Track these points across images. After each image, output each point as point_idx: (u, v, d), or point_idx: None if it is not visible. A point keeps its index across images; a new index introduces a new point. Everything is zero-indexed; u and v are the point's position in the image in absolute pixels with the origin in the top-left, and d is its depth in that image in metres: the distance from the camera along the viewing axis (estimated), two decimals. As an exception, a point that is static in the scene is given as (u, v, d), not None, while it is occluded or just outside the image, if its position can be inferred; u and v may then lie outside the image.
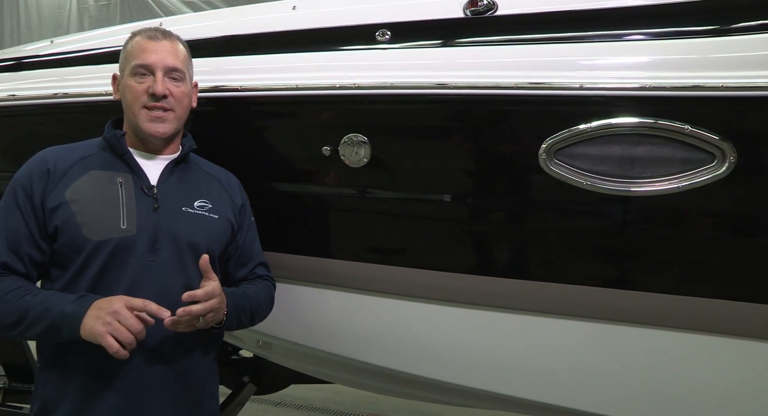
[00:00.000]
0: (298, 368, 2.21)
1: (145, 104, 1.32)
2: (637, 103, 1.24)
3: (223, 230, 1.39)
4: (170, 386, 1.30)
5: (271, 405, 3.59)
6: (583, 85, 1.27)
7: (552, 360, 1.44)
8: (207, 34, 1.63)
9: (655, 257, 1.32)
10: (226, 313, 1.32)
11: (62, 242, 1.26)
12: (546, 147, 1.31)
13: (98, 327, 1.16)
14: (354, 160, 1.44)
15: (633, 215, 1.31)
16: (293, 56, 1.50)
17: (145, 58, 1.33)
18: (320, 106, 1.46)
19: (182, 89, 1.36)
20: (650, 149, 1.25)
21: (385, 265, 1.56)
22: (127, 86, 1.34)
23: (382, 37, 1.45)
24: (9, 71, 2.05)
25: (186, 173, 1.40)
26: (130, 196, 1.30)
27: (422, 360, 1.59)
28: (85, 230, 1.25)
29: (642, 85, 1.23)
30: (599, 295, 1.35)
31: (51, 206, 1.26)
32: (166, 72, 1.34)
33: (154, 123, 1.32)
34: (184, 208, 1.34)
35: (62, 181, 1.28)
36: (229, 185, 1.46)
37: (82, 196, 1.27)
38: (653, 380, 1.37)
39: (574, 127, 1.29)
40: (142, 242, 1.27)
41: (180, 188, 1.36)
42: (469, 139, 1.41)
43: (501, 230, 1.45)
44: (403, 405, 3.48)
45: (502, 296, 1.43)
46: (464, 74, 1.34)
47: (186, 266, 1.31)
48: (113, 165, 1.33)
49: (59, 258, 1.28)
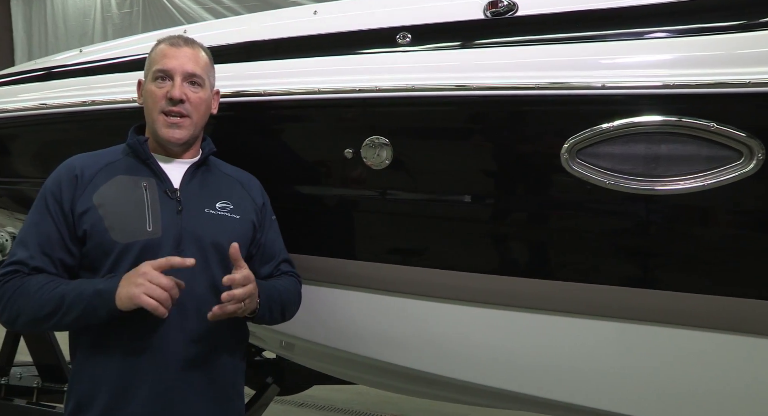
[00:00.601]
0: (321, 369, 2.22)
1: (163, 108, 1.35)
2: (661, 101, 1.23)
3: (245, 229, 1.42)
4: (200, 383, 1.33)
5: (293, 406, 3.61)
6: (605, 85, 1.26)
7: (577, 361, 1.43)
8: (230, 40, 1.65)
9: (681, 256, 1.31)
10: (259, 302, 1.35)
11: (91, 246, 1.30)
12: (568, 147, 1.31)
13: (132, 289, 1.19)
14: (376, 162, 1.45)
15: (657, 214, 1.30)
16: (315, 60, 1.52)
17: (165, 63, 1.37)
18: (342, 109, 1.47)
19: (200, 95, 1.39)
20: (674, 148, 1.24)
21: (408, 266, 1.56)
22: (148, 91, 1.38)
23: (402, 39, 1.46)
24: (40, 81, 2.11)
25: (207, 175, 1.43)
26: (155, 199, 1.34)
27: (446, 360, 1.60)
28: (113, 233, 1.29)
29: (665, 83, 1.22)
30: (625, 295, 1.34)
31: (80, 211, 1.30)
32: (185, 77, 1.37)
33: (170, 129, 1.36)
34: (207, 210, 1.38)
35: (89, 186, 1.32)
36: (249, 185, 1.48)
37: (109, 200, 1.32)
38: (682, 380, 1.35)
39: (597, 126, 1.28)
40: (167, 243, 1.31)
41: (202, 191, 1.40)
42: (490, 140, 1.41)
43: (524, 230, 1.45)
44: (425, 405, 3.47)
45: (526, 296, 1.43)
46: (485, 75, 1.34)
47: (210, 267, 1.34)
48: (137, 170, 1.37)
49: (88, 261, 1.32)
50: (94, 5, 6.84)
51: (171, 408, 1.30)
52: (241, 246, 1.38)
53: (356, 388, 3.16)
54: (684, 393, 1.36)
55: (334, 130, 1.53)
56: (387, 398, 3.55)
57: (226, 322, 1.34)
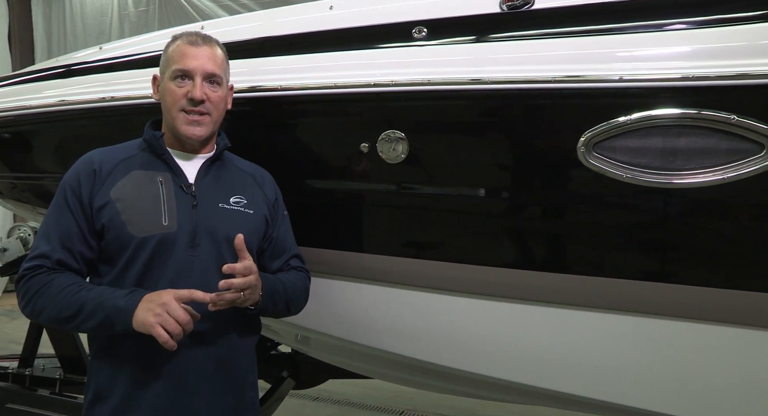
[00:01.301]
0: (337, 362, 2.23)
1: (184, 107, 1.37)
2: (680, 93, 1.22)
3: (258, 224, 1.44)
4: (214, 375, 1.36)
5: (308, 400, 3.64)
6: (623, 77, 1.25)
7: (593, 355, 1.42)
8: (247, 36, 1.67)
9: (700, 251, 1.30)
10: (261, 294, 1.37)
11: (109, 239, 1.33)
12: (585, 140, 1.30)
13: (149, 318, 1.22)
14: (392, 156, 1.46)
15: (675, 208, 1.29)
16: (331, 55, 1.53)
17: (185, 63, 1.38)
18: (358, 103, 1.48)
19: (219, 94, 1.41)
20: (693, 141, 1.23)
21: (423, 260, 1.57)
22: (167, 90, 1.39)
23: (418, 34, 1.46)
24: (61, 78, 2.14)
25: (221, 170, 1.45)
26: (170, 194, 1.36)
27: (462, 354, 1.60)
28: (130, 227, 1.31)
29: (684, 75, 1.20)
30: (642, 289, 1.33)
31: (98, 205, 1.33)
32: (205, 77, 1.38)
33: (191, 126, 1.37)
34: (221, 204, 1.40)
35: (107, 181, 1.35)
36: (262, 180, 1.50)
37: (126, 195, 1.34)
38: (700, 375, 1.34)
39: (614, 120, 1.27)
40: (182, 237, 1.33)
41: (216, 186, 1.42)
42: (506, 134, 1.41)
43: (539, 224, 1.44)
44: (439, 400, 3.48)
45: (541, 290, 1.42)
46: (502, 69, 1.34)
47: (224, 260, 1.34)
48: (153, 165, 1.39)
49: (107, 254, 1.35)
50: (111, 4, 6.92)
51: (185, 399, 1.33)
52: (252, 241, 1.42)
53: (371, 383, 3.18)
54: (708, 389, 1.34)
55: (350, 124, 1.53)
56: (401, 393, 3.57)
57: (238, 315, 1.37)
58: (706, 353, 1.33)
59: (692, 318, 1.30)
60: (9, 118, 2.13)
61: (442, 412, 3.45)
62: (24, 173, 2.30)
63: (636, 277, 1.34)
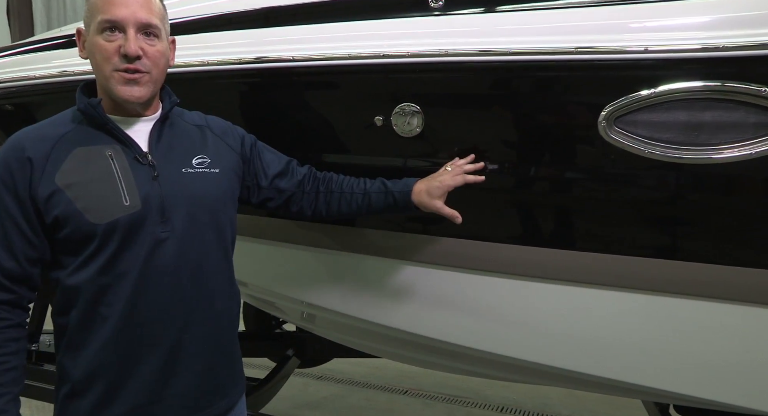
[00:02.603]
0: (343, 341, 2.22)
1: (117, 66, 1.18)
2: (707, 65, 1.18)
3: (228, 181, 1.33)
4: (203, 351, 1.28)
5: (312, 379, 3.65)
6: (648, 48, 1.21)
7: (613, 334, 1.41)
8: (256, 4, 1.61)
9: (728, 228, 1.27)
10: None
11: (68, 232, 1.17)
12: (606, 114, 1.27)
13: None
14: (406, 130, 1.42)
15: (700, 184, 1.26)
16: (344, 25, 1.48)
17: (113, 12, 1.17)
18: (372, 75, 1.43)
19: (158, 48, 1.22)
20: (720, 114, 1.19)
21: (436, 236, 1.55)
22: (95, 45, 1.18)
23: (435, 3, 1.41)
24: (62, 48, 2.09)
25: (174, 130, 1.30)
26: (125, 168, 1.20)
27: (473, 333, 1.59)
28: (89, 215, 1.16)
29: (713, 45, 1.16)
30: (664, 268, 1.31)
31: (43, 197, 1.16)
32: (139, 28, 1.19)
33: (128, 86, 1.19)
34: (185, 169, 1.26)
35: (47, 167, 1.17)
36: (220, 130, 1.37)
37: (75, 179, 1.17)
38: (729, 356, 1.32)
39: (637, 93, 1.24)
40: (150, 215, 1.20)
41: (174, 149, 1.27)
42: (526, 107, 1.37)
43: (558, 200, 1.42)
44: (445, 380, 3.49)
45: (560, 268, 1.40)
46: (522, 40, 1.29)
47: (200, 229, 1.25)
48: (96, 138, 1.21)
49: (67, 246, 1.19)
50: (112, -23, 6.78)
51: (175, 380, 1.25)
52: (226, 201, 1.32)
53: (375, 362, 3.18)
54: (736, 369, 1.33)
55: (364, 97, 1.49)
56: (406, 372, 3.57)
57: (220, 285, 1.31)
58: (740, 334, 1.30)
59: (719, 299, 1.27)
60: (9, 89, 2.09)
61: (447, 392, 3.46)
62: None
63: (657, 255, 1.31)
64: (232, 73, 1.54)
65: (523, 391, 3.38)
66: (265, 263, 1.88)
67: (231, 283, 1.37)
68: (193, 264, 1.25)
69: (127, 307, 1.21)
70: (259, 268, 1.89)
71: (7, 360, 1.20)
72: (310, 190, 1.47)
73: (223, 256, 1.33)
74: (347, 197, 1.45)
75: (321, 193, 1.47)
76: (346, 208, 1.46)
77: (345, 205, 1.46)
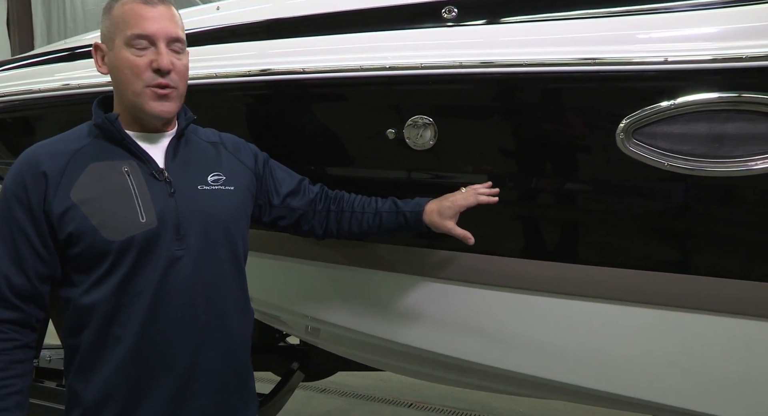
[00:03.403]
0: (348, 354, 2.19)
1: (148, 81, 1.17)
2: (730, 75, 1.16)
3: (243, 199, 1.32)
4: (218, 371, 1.26)
5: (315, 392, 3.60)
6: (668, 59, 1.19)
7: (632, 351, 1.38)
8: (266, 15, 1.59)
9: (750, 243, 1.24)
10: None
11: (82, 248, 1.16)
12: (624, 126, 1.24)
13: None
14: (419, 143, 1.39)
15: (721, 198, 1.23)
16: (355, 37, 1.46)
17: (145, 26, 1.16)
18: (384, 87, 1.41)
19: (184, 62, 1.23)
20: (743, 126, 1.17)
21: (446, 251, 1.51)
22: (123, 60, 1.17)
23: (448, 14, 1.38)
24: (65, 61, 2.07)
25: (190, 147, 1.29)
26: (141, 185, 1.19)
27: (486, 349, 1.55)
28: (104, 231, 1.15)
29: (737, 55, 1.14)
30: (683, 284, 1.28)
31: (58, 212, 1.14)
32: (169, 42, 1.19)
33: (160, 101, 1.18)
34: (200, 186, 1.25)
35: (63, 182, 1.15)
36: (233, 147, 1.36)
37: (91, 195, 1.16)
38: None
39: (656, 104, 1.21)
40: (166, 232, 1.18)
41: (189, 166, 1.26)
42: (542, 119, 1.34)
43: (575, 213, 1.39)
44: (449, 392, 3.45)
45: (578, 283, 1.37)
46: (539, 51, 1.27)
47: (214, 247, 1.24)
48: (112, 153, 1.20)
49: (79, 264, 1.18)
50: (112, -11, 6.79)
51: (192, 401, 1.23)
52: (242, 216, 1.31)
53: (378, 374, 3.15)
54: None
55: (376, 109, 1.47)
56: (410, 384, 3.54)
57: (234, 304, 1.28)
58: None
59: (744, 315, 1.24)
60: (12, 103, 2.06)
61: (452, 404, 3.42)
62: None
63: (679, 271, 1.29)
64: (241, 85, 1.52)
65: (530, 404, 3.34)
66: (272, 278, 1.85)
67: (245, 302, 1.34)
68: (207, 283, 1.23)
69: (141, 328, 1.18)
70: (265, 283, 1.86)
71: (13, 383, 1.17)
72: (322, 209, 1.45)
73: (237, 275, 1.30)
74: (358, 216, 1.43)
75: (332, 212, 1.44)
76: (357, 227, 1.44)
77: (356, 224, 1.44)
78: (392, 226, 1.42)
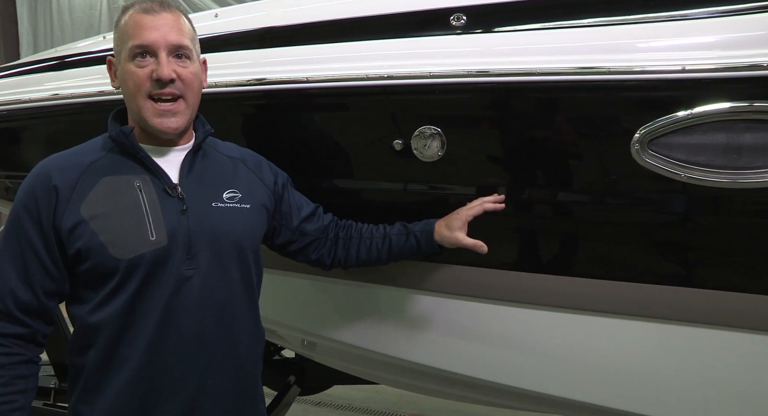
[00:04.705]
0: (345, 368, 2.14)
1: (150, 92, 1.15)
2: (750, 84, 1.13)
3: (259, 218, 1.28)
4: (228, 393, 1.23)
5: (311, 405, 3.56)
6: (686, 68, 1.16)
7: (653, 368, 1.34)
8: (268, 23, 1.55)
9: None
10: None
11: (90, 265, 1.13)
12: (639, 137, 1.21)
13: None
14: (427, 154, 1.35)
15: (740, 210, 1.20)
16: (362, 45, 1.41)
17: (143, 36, 1.14)
18: (392, 96, 1.37)
19: (191, 70, 1.18)
20: (764, 136, 1.14)
21: (454, 265, 1.47)
22: (127, 72, 1.15)
23: (457, 21, 1.35)
24: (54, 70, 2.01)
25: (206, 162, 1.25)
26: (153, 201, 1.16)
27: (483, 363, 1.51)
28: (112, 249, 1.12)
29: (756, 63, 1.11)
30: (703, 298, 1.25)
31: (67, 228, 1.12)
32: (171, 51, 1.15)
33: (164, 118, 1.16)
34: (214, 203, 1.21)
35: (73, 196, 1.13)
36: (254, 164, 1.33)
37: (100, 210, 1.13)
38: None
39: (673, 114, 1.18)
40: (176, 251, 1.15)
41: (204, 181, 1.22)
42: (555, 129, 1.31)
43: (589, 226, 1.35)
44: (445, 405, 3.41)
45: (593, 298, 1.33)
46: (552, 60, 1.24)
47: (226, 267, 1.21)
48: (126, 167, 1.17)
49: (88, 280, 1.15)
50: (100, -3, 6.72)
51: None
52: (255, 236, 1.28)
53: (375, 387, 3.10)
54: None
55: (383, 119, 1.42)
56: (406, 397, 3.50)
57: (245, 326, 1.25)
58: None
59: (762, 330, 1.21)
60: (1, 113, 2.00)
61: (449, 417, 3.38)
62: (12, 171, 2.16)
63: (694, 285, 1.25)
64: (244, 94, 1.47)
65: (529, 416, 3.30)
66: (268, 292, 1.79)
67: (256, 323, 1.30)
68: (218, 304, 1.19)
69: (148, 349, 1.15)
70: (262, 297, 1.81)
71: (15, 398, 1.14)
72: (333, 237, 1.43)
73: (248, 296, 1.27)
74: (366, 242, 1.40)
75: (340, 239, 1.42)
76: (365, 253, 1.41)
77: (364, 250, 1.41)
78: (402, 248, 1.39)
